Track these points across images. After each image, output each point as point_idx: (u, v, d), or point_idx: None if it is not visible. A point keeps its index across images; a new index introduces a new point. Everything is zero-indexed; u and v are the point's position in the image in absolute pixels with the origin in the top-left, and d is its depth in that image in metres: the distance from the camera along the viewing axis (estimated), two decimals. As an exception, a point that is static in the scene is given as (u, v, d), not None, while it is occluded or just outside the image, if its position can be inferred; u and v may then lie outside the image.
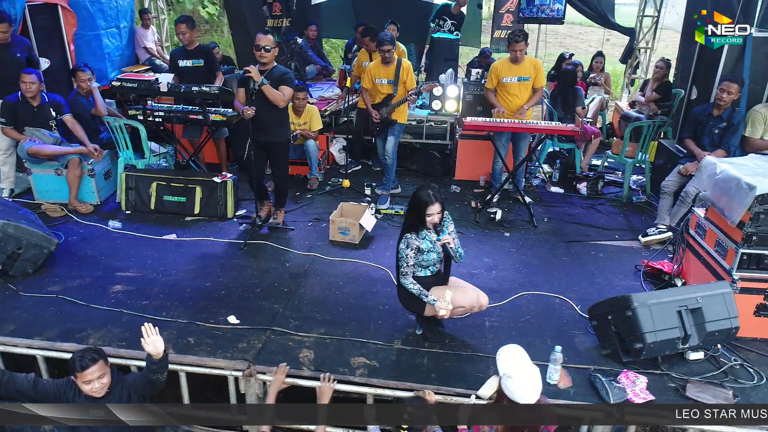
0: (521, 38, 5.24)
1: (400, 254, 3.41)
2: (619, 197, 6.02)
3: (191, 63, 5.58)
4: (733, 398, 3.10)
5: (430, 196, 3.28)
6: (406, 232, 3.40)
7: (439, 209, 3.28)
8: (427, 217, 3.28)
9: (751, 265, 3.55)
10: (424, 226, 3.36)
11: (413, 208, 3.37)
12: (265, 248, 4.78)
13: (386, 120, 5.49)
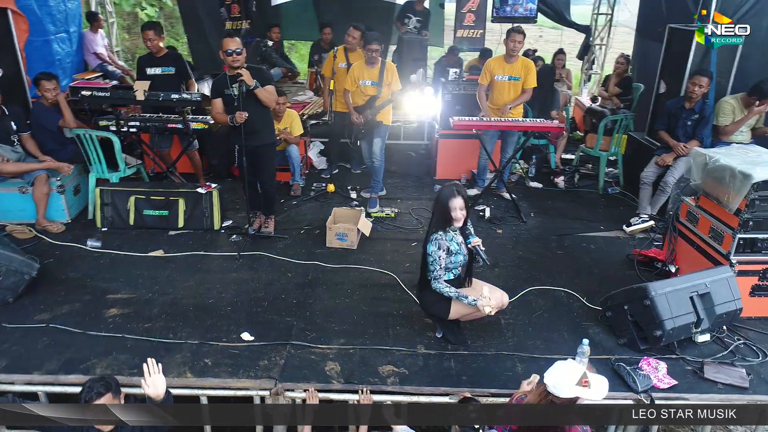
0: (520, 30, 5.33)
1: (430, 257, 3.37)
2: (595, 190, 6.25)
3: (161, 71, 5.28)
4: (747, 376, 3.29)
5: (453, 191, 3.31)
6: (433, 233, 3.38)
7: (462, 204, 3.30)
8: (452, 212, 3.28)
9: (746, 248, 3.77)
10: (449, 224, 3.35)
11: (438, 205, 3.37)
12: (261, 259, 4.63)
13: (371, 122, 5.44)
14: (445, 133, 6.25)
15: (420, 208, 5.67)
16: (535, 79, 5.59)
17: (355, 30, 5.90)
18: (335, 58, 6.08)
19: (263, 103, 4.45)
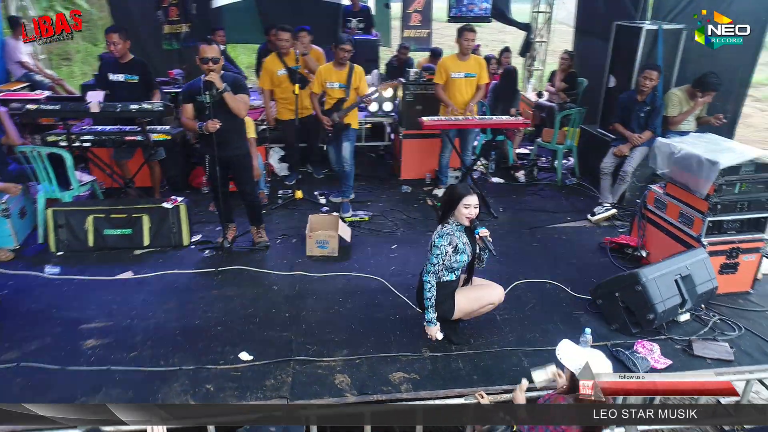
0: (472, 29, 5.42)
1: (437, 249, 3.36)
2: (554, 181, 6.50)
3: (124, 78, 4.94)
4: (731, 349, 3.53)
5: (467, 188, 3.36)
6: (443, 228, 3.40)
7: (476, 201, 3.33)
8: (465, 209, 3.30)
9: (714, 230, 4.04)
10: (455, 214, 3.38)
11: (450, 200, 3.38)
12: (242, 273, 4.44)
13: (339, 125, 5.35)
14: (409, 133, 6.27)
15: (392, 210, 5.66)
16: (487, 75, 5.73)
17: (283, 32, 5.68)
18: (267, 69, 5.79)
19: (233, 111, 4.26)
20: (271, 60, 5.73)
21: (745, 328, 3.77)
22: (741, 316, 3.94)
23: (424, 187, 6.30)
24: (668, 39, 5.55)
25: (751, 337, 3.70)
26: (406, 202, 5.91)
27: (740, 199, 3.98)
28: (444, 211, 3.44)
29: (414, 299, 4.06)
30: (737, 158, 3.84)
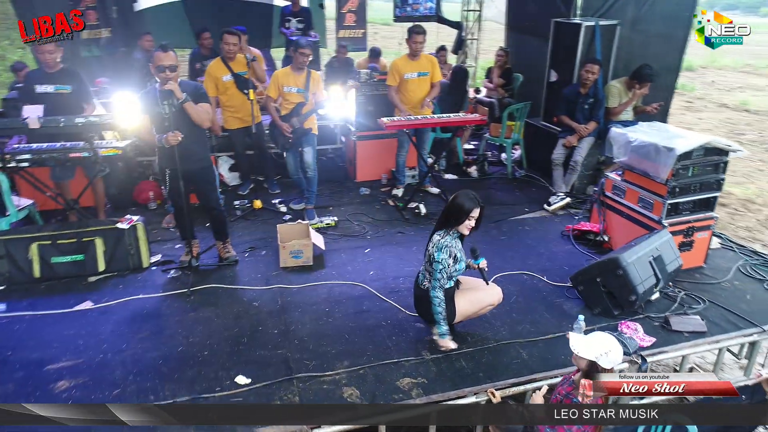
0: (421, 30, 5.45)
1: (440, 264, 3.36)
2: (505, 175, 6.70)
3: (54, 89, 4.49)
4: (702, 321, 3.80)
5: (474, 200, 3.35)
6: (440, 239, 3.37)
7: (478, 213, 3.33)
8: (468, 221, 3.31)
9: (672, 212, 4.35)
10: (458, 226, 3.39)
11: (457, 214, 3.36)
12: (216, 292, 4.20)
13: (299, 130, 5.20)
14: (363, 134, 6.22)
15: (356, 213, 5.58)
16: (440, 73, 5.81)
17: (230, 36, 5.43)
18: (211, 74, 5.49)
19: (194, 121, 4.02)
20: (215, 65, 5.44)
21: (708, 300, 4.08)
22: (701, 289, 4.26)
23: (382, 188, 6.28)
24: (604, 34, 5.89)
25: (715, 308, 4.01)
26: (367, 204, 5.85)
27: (693, 182, 4.31)
28: (447, 222, 3.43)
29: (400, 302, 4.07)
30: (690, 144, 4.14)
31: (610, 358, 2.73)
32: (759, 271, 4.51)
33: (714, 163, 4.32)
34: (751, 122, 14.63)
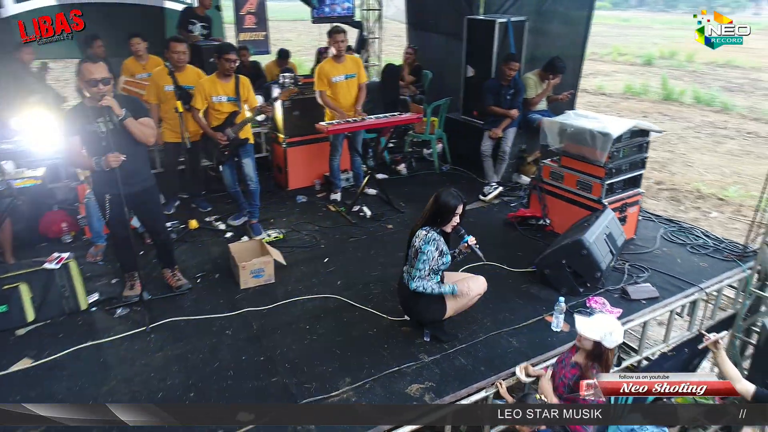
0: (341, 30, 5.38)
1: (424, 255, 3.36)
2: (432, 170, 6.85)
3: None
4: (653, 288, 4.19)
5: (458, 197, 3.40)
6: (428, 234, 3.38)
7: (462, 211, 3.37)
8: (454, 217, 3.33)
9: (609, 192, 4.73)
10: (444, 225, 3.43)
11: (444, 212, 3.38)
12: (179, 325, 3.81)
13: (236, 141, 4.88)
14: (292, 141, 6.00)
15: (301, 223, 5.38)
16: (365, 74, 5.79)
17: (178, 44, 5.02)
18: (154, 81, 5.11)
19: (137, 138, 3.61)
20: (160, 72, 4.98)
21: (650, 268, 4.51)
22: (640, 259, 4.69)
23: (317, 194, 6.11)
24: (515, 30, 6.23)
25: (657, 275, 4.44)
26: (309, 212, 5.66)
27: (624, 162, 4.73)
28: (433, 221, 3.43)
29: (380, 308, 4.01)
30: (622, 127, 4.54)
31: (614, 338, 2.91)
32: (678, 237, 5.07)
33: (639, 143, 4.78)
34: (609, 104, 16.44)
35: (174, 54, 4.98)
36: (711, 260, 4.65)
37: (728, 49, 18.73)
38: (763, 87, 18.03)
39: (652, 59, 22.45)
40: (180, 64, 4.99)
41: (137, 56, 5.95)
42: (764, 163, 11.04)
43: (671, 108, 15.69)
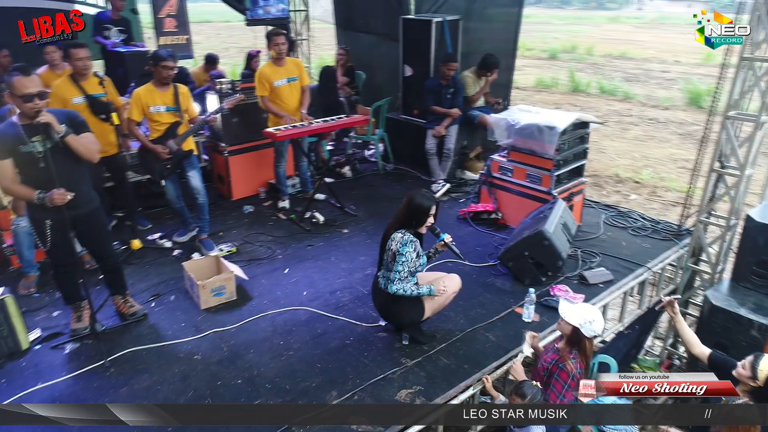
0: (281, 32, 5.24)
1: (403, 257, 3.34)
2: (376, 170, 6.83)
3: None
4: (608, 271, 4.42)
5: (431, 198, 3.41)
6: (404, 236, 3.36)
7: (435, 211, 3.37)
8: (429, 218, 3.35)
9: (557, 183, 4.93)
10: (420, 226, 3.42)
11: (417, 213, 3.36)
12: (140, 355, 3.53)
13: (179, 154, 4.59)
14: (234, 149, 5.74)
15: (252, 234, 5.16)
16: (308, 77, 5.67)
17: (80, 49, 4.56)
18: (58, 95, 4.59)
19: (81, 156, 3.29)
20: (63, 84, 4.49)
21: (601, 253, 4.75)
22: (589, 244, 4.92)
23: (264, 203, 5.90)
24: (450, 29, 6.33)
25: (608, 258, 4.68)
26: (258, 222, 5.44)
27: (569, 154, 4.94)
28: (408, 223, 3.41)
29: (353, 316, 3.94)
30: (566, 121, 4.74)
31: (593, 327, 3.03)
32: (619, 221, 5.39)
33: (581, 135, 5.01)
34: (524, 97, 17.21)
35: (77, 61, 4.48)
36: (652, 241, 4.97)
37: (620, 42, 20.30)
38: (655, 76, 19.58)
39: (556, 53, 23.73)
40: (85, 72, 4.53)
41: (52, 66, 5.42)
42: (666, 147, 12.06)
43: (579, 99, 16.65)
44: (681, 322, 3.38)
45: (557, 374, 3.07)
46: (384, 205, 5.86)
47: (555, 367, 3.11)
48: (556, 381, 3.07)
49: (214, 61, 7.22)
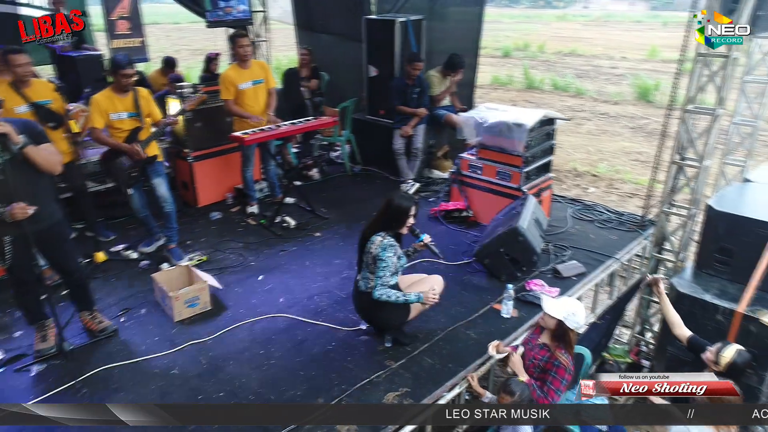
0: (245, 33, 5.12)
1: (384, 262, 3.33)
2: (344, 172, 6.77)
3: None
4: (580, 264, 4.52)
5: (410, 199, 3.41)
6: (384, 239, 3.34)
7: (415, 211, 3.36)
8: (409, 219, 3.37)
9: (526, 179, 5.01)
10: (400, 228, 3.42)
11: (397, 215, 3.35)
12: (113, 374, 3.37)
13: (145, 160, 4.42)
14: (198, 154, 5.58)
15: (222, 242, 5.03)
16: (274, 79, 5.58)
17: (19, 55, 4.21)
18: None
19: (41, 168, 3.12)
20: (4, 94, 4.22)
21: (571, 246, 4.85)
22: (559, 238, 5.03)
23: (231, 208, 5.75)
24: (414, 28, 6.34)
25: (579, 251, 4.79)
26: (227, 229, 5.30)
27: (536, 150, 5.02)
28: (388, 225, 3.39)
29: (333, 320, 3.90)
30: (534, 118, 4.82)
31: (577, 319, 3.09)
32: (585, 214, 5.52)
33: (548, 131, 5.11)
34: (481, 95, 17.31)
35: (17, 68, 4.14)
36: (618, 232, 5.12)
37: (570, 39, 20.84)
38: (603, 72, 20.22)
39: (509, 51, 24.19)
40: (26, 78, 4.24)
41: None
42: (619, 140, 12.47)
43: (534, 95, 17.02)
44: (666, 301, 3.49)
45: (554, 371, 3.11)
46: (355, 206, 5.82)
47: (549, 364, 3.16)
48: (553, 378, 3.11)
49: (173, 64, 6.99)
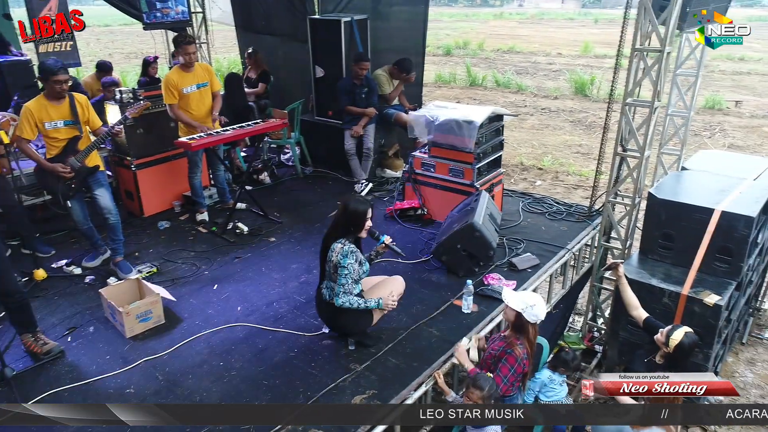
0: (192, 39, 4.97)
1: (345, 269, 3.29)
2: (295, 174, 6.67)
3: None
4: (534, 256, 4.62)
5: (365, 202, 3.39)
6: (344, 246, 3.30)
7: (372, 212, 3.36)
8: (367, 222, 3.34)
9: (478, 175, 5.08)
10: (358, 233, 3.40)
11: (354, 219, 3.32)
12: (62, 398, 3.17)
13: (84, 170, 4.19)
14: (141, 162, 5.35)
15: (172, 252, 4.84)
16: (218, 82, 5.43)
17: None
18: None
19: None
20: None
21: (524, 239, 4.96)
22: (512, 232, 5.13)
23: (180, 217, 5.55)
24: (359, 28, 6.32)
25: (532, 243, 4.90)
26: (177, 238, 5.11)
27: (487, 147, 5.11)
28: (346, 231, 3.35)
29: (294, 326, 3.83)
30: (482, 115, 4.90)
31: (535, 312, 3.16)
32: (535, 207, 5.66)
33: (496, 128, 5.20)
34: (426, 93, 17.55)
35: None
36: (568, 224, 5.28)
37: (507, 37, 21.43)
38: (541, 69, 20.87)
39: (450, 49, 24.57)
40: None
41: None
42: (560, 134, 12.89)
43: (477, 92, 17.37)
44: (624, 283, 3.65)
45: (505, 359, 3.18)
46: (308, 209, 5.75)
47: (503, 353, 3.22)
48: (503, 365, 3.18)
49: (107, 69, 6.67)
